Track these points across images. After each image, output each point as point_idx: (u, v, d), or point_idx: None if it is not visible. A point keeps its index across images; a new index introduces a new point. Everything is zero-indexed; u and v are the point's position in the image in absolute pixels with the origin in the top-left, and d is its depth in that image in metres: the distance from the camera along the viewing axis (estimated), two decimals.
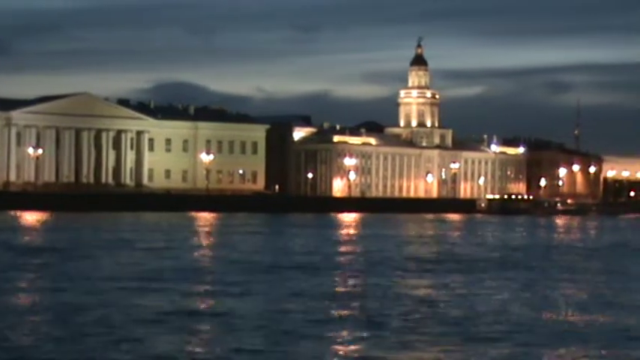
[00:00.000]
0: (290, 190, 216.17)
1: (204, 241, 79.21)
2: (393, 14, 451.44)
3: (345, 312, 32.96)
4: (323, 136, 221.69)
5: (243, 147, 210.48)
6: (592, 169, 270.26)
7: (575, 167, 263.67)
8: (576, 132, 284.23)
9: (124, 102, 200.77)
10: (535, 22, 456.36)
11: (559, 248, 79.50)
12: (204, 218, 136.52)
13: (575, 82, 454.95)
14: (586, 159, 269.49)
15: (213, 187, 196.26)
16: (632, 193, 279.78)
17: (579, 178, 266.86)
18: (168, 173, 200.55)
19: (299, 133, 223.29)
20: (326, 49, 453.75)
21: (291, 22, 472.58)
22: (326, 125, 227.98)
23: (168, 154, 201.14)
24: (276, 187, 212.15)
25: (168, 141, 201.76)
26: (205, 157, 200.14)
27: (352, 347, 25.93)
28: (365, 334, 28.08)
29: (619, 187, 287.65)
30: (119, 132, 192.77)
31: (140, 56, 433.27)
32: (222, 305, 34.31)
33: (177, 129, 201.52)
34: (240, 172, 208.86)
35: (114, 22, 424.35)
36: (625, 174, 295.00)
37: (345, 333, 28.23)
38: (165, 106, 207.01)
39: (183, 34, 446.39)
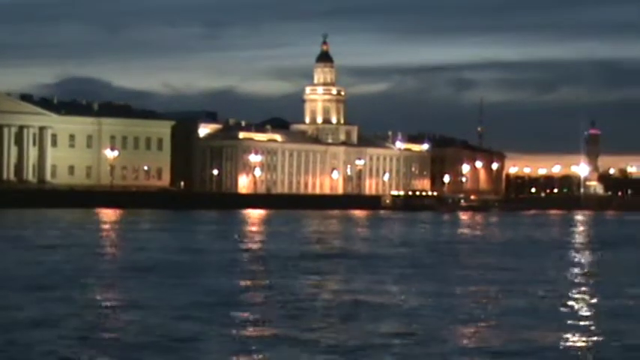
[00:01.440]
0: (195, 186, 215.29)
1: (97, 239, 78.28)
2: (299, 11, 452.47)
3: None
4: (228, 132, 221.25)
5: (149, 143, 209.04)
6: (495, 166, 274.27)
7: (479, 164, 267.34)
8: (479, 129, 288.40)
9: (26, 97, 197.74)
10: (440, 20, 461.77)
11: (450, 244, 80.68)
12: (108, 215, 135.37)
13: (478, 80, 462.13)
14: (489, 156, 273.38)
15: (117, 184, 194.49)
16: (533, 190, 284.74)
17: (482, 174, 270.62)
18: (71, 169, 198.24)
19: (204, 130, 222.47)
20: (232, 45, 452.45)
21: (198, 18, 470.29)
22: (231, 121, 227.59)
23: (71, 150, 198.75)
24: (182, 183, 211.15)
25: (71, 137, 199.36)
26: (110, 154, 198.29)
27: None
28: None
29: (521, 183, 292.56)
30: (21, 128, 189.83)
31: (43, 51, 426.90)
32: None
33: (81, 125, 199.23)
34: (145, 168, 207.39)
35: (16, 16, 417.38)
36: (527, 170, 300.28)
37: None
38: (68, 102, 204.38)
39: (88, 29, 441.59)
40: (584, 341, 27.38)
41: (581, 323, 31.10)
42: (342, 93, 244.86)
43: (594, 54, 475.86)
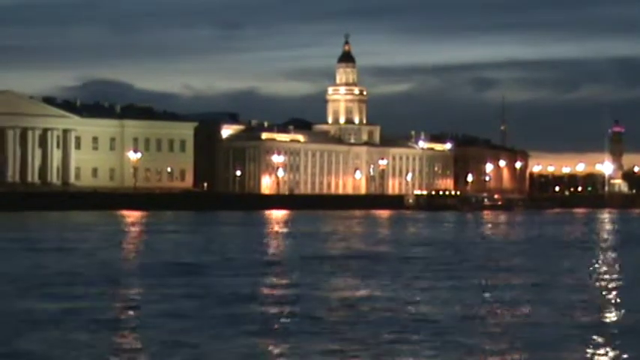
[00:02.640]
0: (218, 187, 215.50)
1: (124, 241, 78.38)
2: (321, 11, 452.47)
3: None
4: (251, 133, 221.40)
5: (171, 145, 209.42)
6: (518, 165, 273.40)
7: (502, 163, 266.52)
8: (502, 128, 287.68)
9: (49, 100, 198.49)
10: (461, 19, 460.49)
11: (474, 244, 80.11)
12: (132, 216, 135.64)
13: (500, 79, 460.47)
14: (512, 154, 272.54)
15: (141, 186, 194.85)
16: (557, 188, 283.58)
17: (506, 173, 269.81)
18: (95, 172, 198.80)
19: (227, 131, 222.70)
20: (253, 46, 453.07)
21: (218, 19, 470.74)
22: (254, 122, 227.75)
23: (95, 153, 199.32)
24: (205, 184, 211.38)
25: (95, 139, 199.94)
26: (133, 156, 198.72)
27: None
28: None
29: (544, 182, 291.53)
30: (45, 130, 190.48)
31: (66, 54, 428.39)
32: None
33: (103, 127, 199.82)
34: (169, 170, 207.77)
35: (37, 18, 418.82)
36: (550, 169, 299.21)
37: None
38: (91, 104, 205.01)
39: (109, 32, 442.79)
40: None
41: (604, 338, 30.65)
42: (364, 93, 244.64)
43: (616, 52, 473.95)
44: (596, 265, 56.12)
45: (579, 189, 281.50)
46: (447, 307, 34.64)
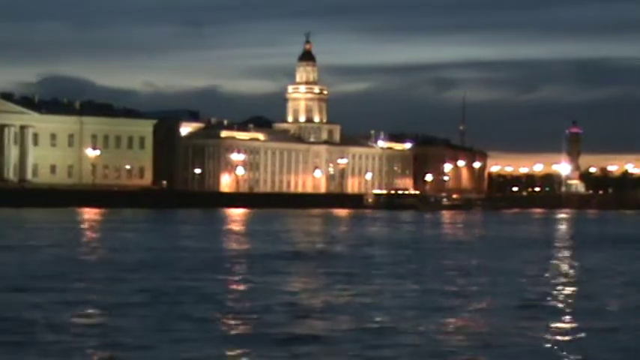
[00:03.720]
0: (178, 185, 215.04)
1: (79, 239, 78.07)
2: (282, 9, 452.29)
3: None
4: (211, 131, 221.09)
5: (130, 142, 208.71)
6: (477, 165, 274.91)
7: (461, 163, 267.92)
8: (461, 128, 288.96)
9: (7, 96, 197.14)
10: (422, 19, 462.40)
11: (431, 243, 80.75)
12: (90, 214, 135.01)
13: (460, 79, 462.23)
14: (471, 154, 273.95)
15: (99, 183, 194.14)
16: (515, 188, 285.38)
17: (464, 173, 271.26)
18: (53, 169, 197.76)
19: (186, 129, 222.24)
20: (214, 44, 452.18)
21: (179, 16, 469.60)
22: (214, 120, 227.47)
23: (53, 149, 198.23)
24: (164, 182, 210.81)
25: (53, 136, 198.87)
26: (91, 153, 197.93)
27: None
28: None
29: (503, 182, 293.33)
30: (2, 127, 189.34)
31: (24, 49, 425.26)
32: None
33: (62, 124, 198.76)
34: (127, 167, 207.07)
35: None
36: (508, 169, 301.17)
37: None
38: (50, 101, 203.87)
39: (68, 28, 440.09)
40: (559, 345, 27.41)
41: (557, 326, 31.11)
42: (325, 92, 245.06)
43: (575, 53, 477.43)
44: (551, 265, 56.66)
45: (537, 189, 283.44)
46: (379, 304, 34.78)
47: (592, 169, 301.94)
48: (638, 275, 50.52)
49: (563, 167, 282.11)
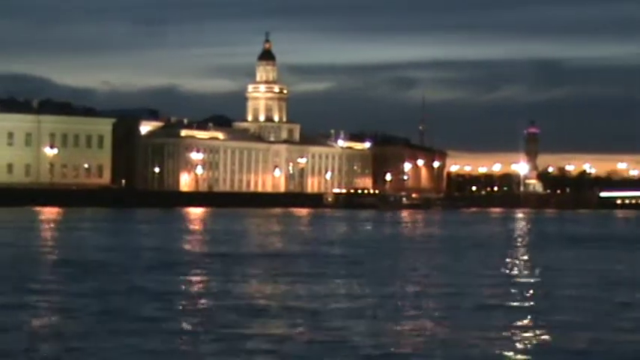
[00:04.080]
0: (137, 184, 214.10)
1: (34, 238, 77.50)
2: (242, 9, 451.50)
3: None
4: (170, 130, 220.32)
5: (89, 141, 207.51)
6: (436, 164, 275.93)
7: (420, 162, 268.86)
8: (421, 127, 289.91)
9: None
10: (382, 19, 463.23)
11: (389, 242, 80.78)
12: (47, 213, 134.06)
13: (420, 79, 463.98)
14: (430, 154, 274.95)
15: (58, 182, 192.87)
16: (473, 188, 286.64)
17: (424, 172, 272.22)
18: (10, 167, 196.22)
19: (146, 127, 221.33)
20: (174, 42, 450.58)
21: (139, 15, 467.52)
22: (173, 119, 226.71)
23: (10, 148, 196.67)
24: (123, 181, 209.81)
25: (10, 134, 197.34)
26: (49, 151, 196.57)
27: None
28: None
29: (462, 181, 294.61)
30: None
31: None
32: None
33: (19, 122, 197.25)
34: (86, 166, 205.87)
35: None
36: (467, 169, 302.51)
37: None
38: (6, 99, 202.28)
39: (26, 25, 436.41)
40: (516, 343, 27.53)
41: (512, 324, 31.27)
42: (285, 91, 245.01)
43: (534, 53, 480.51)
44: (508, 265, 56.95)
45: (495, 189, 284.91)
46: (333, 305, 34.79)
47: (550, 169, 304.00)
48: (594, 274, 50.92)
49: (521, 167, 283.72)
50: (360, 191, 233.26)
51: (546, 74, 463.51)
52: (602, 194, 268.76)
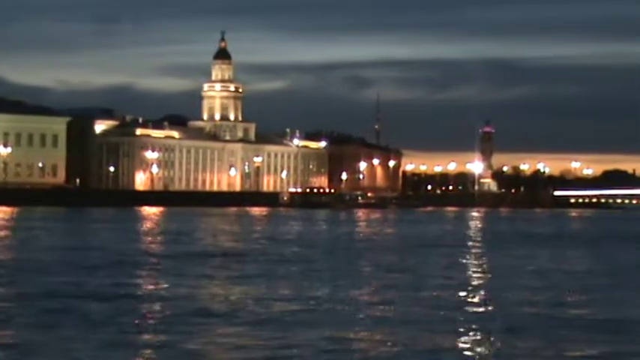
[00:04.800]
0: (92, 183, 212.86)
1: None
2: (198, 7, 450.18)
3: None
4: (125, 129, 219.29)
5: (43, 140, 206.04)
6: (392, 163, 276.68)
7: (376, 161, 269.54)
8: (377, 126, 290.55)
9: None
10: (338, 19, 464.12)
11: (344, 241, 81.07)
12: (0, 212, 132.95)
13: (376, 78, 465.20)
14: (386, 153, 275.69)
15: (11, 181, 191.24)
16: (429, 187, 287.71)
17: (379, 172, 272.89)
18: None
19: (101, 126, 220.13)
20: (129, 41, 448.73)
21: (95, 14, 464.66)
22: (128, 118, 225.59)
23: None
24: (77, 180, 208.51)
25: None
26: (3, 150, 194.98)
27: None
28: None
29: (417, 180, 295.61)
30: None
31: None
32: None
33: None
34: (40, 165, 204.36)
35: None
36: (423, 168, 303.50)
37: None
38: None
39: None
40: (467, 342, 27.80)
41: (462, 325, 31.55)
42: (240, 90, 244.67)
43: (489, 53, 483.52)
44: (461, 264, 57.35)
45: (450, 188, 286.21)
46: (280, 306, 34.93)
47: (504, 168, 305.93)
48: (545, 273, 51.45)
49: (476, 166, 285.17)
50: (315, 190, 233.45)
51: (501, 74, 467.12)
52: (556, 193, 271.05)
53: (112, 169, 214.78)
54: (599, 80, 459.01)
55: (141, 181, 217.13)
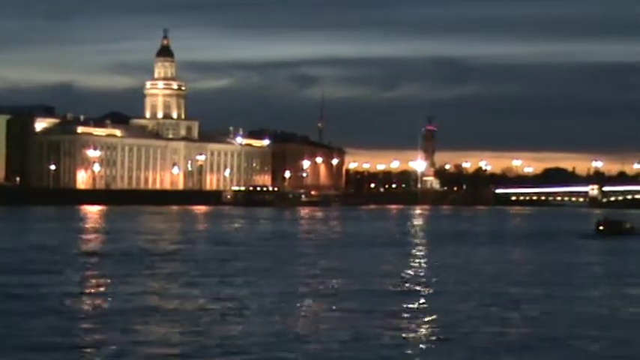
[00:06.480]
0: (32, 181, 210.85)
1: None
2: (139, 5, 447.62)
3: None
4: (66, 127, 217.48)
5: None
6: (335, 161, 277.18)
7: (319, 159, 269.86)
8: (320, 125, 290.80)
9: None
10: (282, 16, 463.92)
11: (283, 239, 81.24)
12: None
13: (320, 76, 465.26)
14: (329, 151, 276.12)
15: None
16: (372, 185, 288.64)
17: (322, 170, 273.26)
18: None
19: (41, 124, 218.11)
20: (71, 38, 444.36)
21: (35, 10, 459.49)
22: (70, 116, 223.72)
23: None
24: (17, 178, 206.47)
25: None
26: None
27: None
28: None
29: (360, 178, 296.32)
30: None
31: None
32: None
33: None
34: None
35: None
36: (366, 166, 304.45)
37: None
38: None
39: None
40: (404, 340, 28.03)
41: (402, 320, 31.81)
42: (183, 88, 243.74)
43: (433, 51, 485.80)
44: (402, 262, 57.69)
45: (394, 186, 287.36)
46: (212, 306, 35.01)
47: (447, 166, 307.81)
48: (484, 270, 51.96)
49: (418, 164, 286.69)
50: (259, 188, 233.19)
51: (445, 72, 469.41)
52: (498, 191, 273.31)
53: (52, 167, 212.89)
54: (541, 79, 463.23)
55: (82, 179, 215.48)
